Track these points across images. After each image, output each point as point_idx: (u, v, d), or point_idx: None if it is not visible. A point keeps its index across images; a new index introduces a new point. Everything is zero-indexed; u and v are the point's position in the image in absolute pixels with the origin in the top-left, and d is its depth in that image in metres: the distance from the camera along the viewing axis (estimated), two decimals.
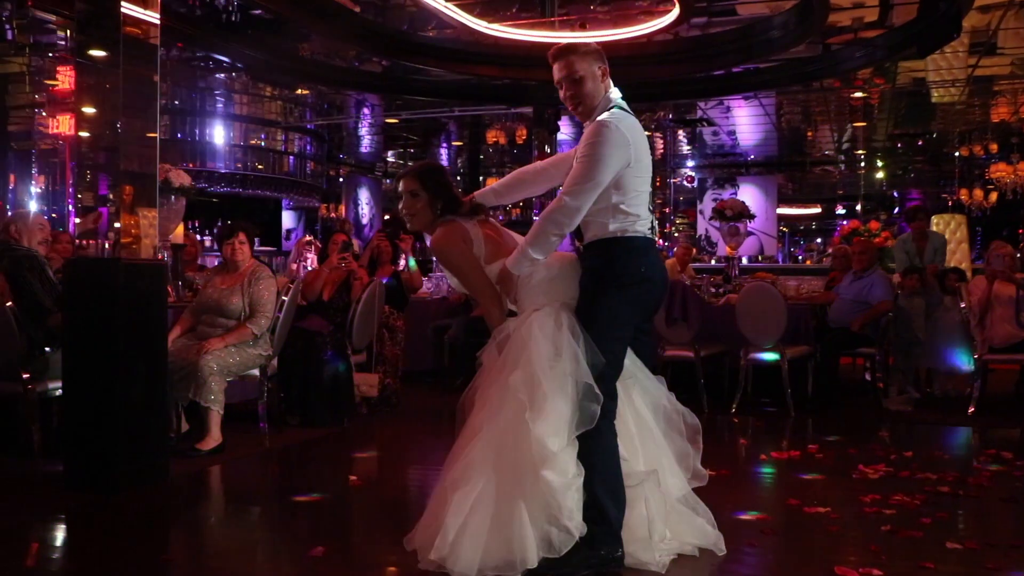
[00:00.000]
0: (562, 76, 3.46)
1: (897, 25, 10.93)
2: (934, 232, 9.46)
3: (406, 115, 18.10)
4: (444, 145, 22.74)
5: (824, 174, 23.22)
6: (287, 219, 21.69)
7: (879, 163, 22.02)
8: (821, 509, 4.25)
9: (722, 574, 3.43)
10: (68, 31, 12.16)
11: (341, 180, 22.65)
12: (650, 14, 10.61)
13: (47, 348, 5.16)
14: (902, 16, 10.84)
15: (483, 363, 3.48)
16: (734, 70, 12.59)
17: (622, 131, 3.29)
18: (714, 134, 19.57)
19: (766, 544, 3.81)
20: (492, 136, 17.31)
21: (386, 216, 24.12)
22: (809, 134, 19.89)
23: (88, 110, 4.87)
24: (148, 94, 4.82)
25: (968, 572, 3.48)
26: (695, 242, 20.06)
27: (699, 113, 17.69)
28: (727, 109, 17.13)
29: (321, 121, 20.30)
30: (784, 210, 23.24)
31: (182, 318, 5.85)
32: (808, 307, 7.71)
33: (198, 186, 7.53)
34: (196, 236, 8.75)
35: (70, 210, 14.80)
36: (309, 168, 20.73)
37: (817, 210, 25.74)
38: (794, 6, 9.36)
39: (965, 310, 7.07)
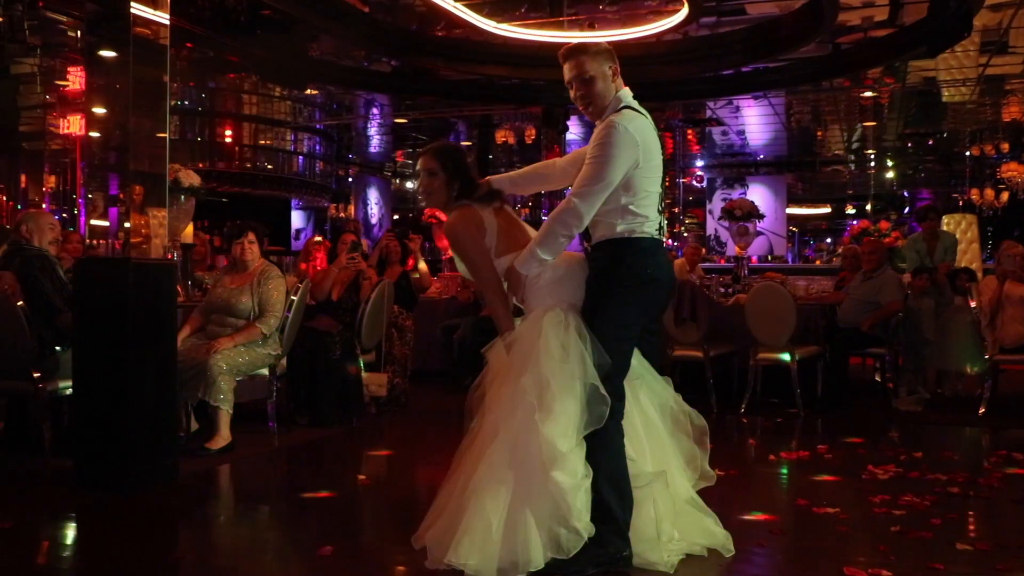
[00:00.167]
0: (573, 76, 3.45)
1: (907, 24, 10.91)
2: (945, 232, 9.42)
3: (415, 115, 18.12)
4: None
5: (834, 174, 23.16)
6: (296, 219, 21.75)
7: (889, 163, 21.97)
8: (830, 509, 4.24)
9: (731, 574, 3.42)
10: (78, 32, 12.21)
11: (350, 180, 22.69)
12: (659, 14, 10.60)
13: (58, 347, 5.18)
14: (912, 15, 10.81)
15: (490, 363, 3.47)
16: (743, 69, 12.57)
17: (631, 132, 3.28)
18: (723, 134, 19.54)
19: (775, 544, 3.80)
20: (501, 136, 17.32)
21: (395, 216, 24.16)
22: (819, 134, 19.85)
23: (98, 110, 4.89)
24: (158, 94, 4.83)
25: (978, 573, 3.46)
26: (704, 242, 20.05)
27: (708, 113, 17.68)
28: (736, 109, 17.11)
29: (330, 121, 20.34)
30: (794, 210, 23.20)
31: (191, 318, 5.87)
32: (817, 307, 7.69)
33: (207, 186, 7.53)
34: (206, 236, 8.76)
35: (80, 210, 14.86)
36: (318, 168, 20.78)
37: (827, 210, 25.68)
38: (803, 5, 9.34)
39: (976, 310, 7.05)
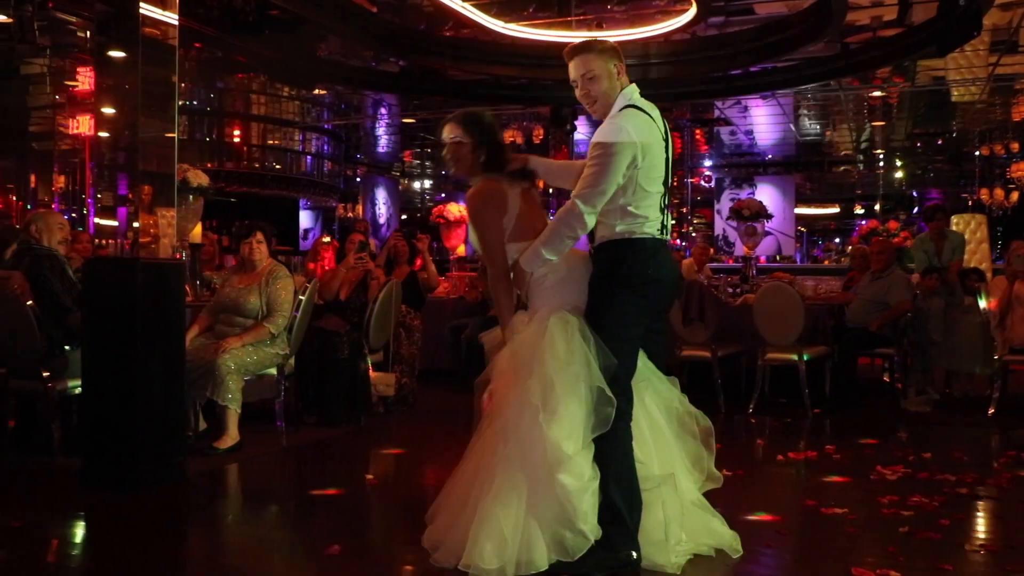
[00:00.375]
0: (578, 74, 3.45)
1: (916, 24, 10.87)
2: (952, 231, 9.39)
3: (423, 115, 18.13)
4: None
5: (843, 174, 23.11)
6: (305, 219, 21.78)
7: (898, 162, 21.91)
8: (838, 510, 4.23)
9: (739, 575, 3.42)
10: (88, 32, 12.25)
11: (358, 180, 22.72)
12: (667, 13, 10.59)
13: (67, 347, 5.20)
14: (921, 15, 10.78)
15: (496, 363, 3.46)
16: (751, 69, 12.54)
17: (630, 131, 3.27)
18: (732, 134, 19.51)
19: (783, 545, 3.79)
20: (509, 136, 17.33)
21: (403, 216, 24.18)
22: (827, 134, 19.81)
23: (107, 110, 4.90)
24: (166, 94, 4.85)
25: (987, 574, 3.45)
26: (712, 242, 20.02)
27: (717, 113, 17.65)
28: (744, 109, 17.08)
29: (338, 121, 20.36)
30: (802, 210, 23.17)
31: (200, 317, 5.88)
32: (826, 307, 7.68)
33: (216, 186, 7.54)
34: (214, 236, 8.78)
35: (89, 210, 14.91)
36: (327, 168, 20.80)
37: (835, 210, 25.63)
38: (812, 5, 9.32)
39: (986, 311, 7.02)
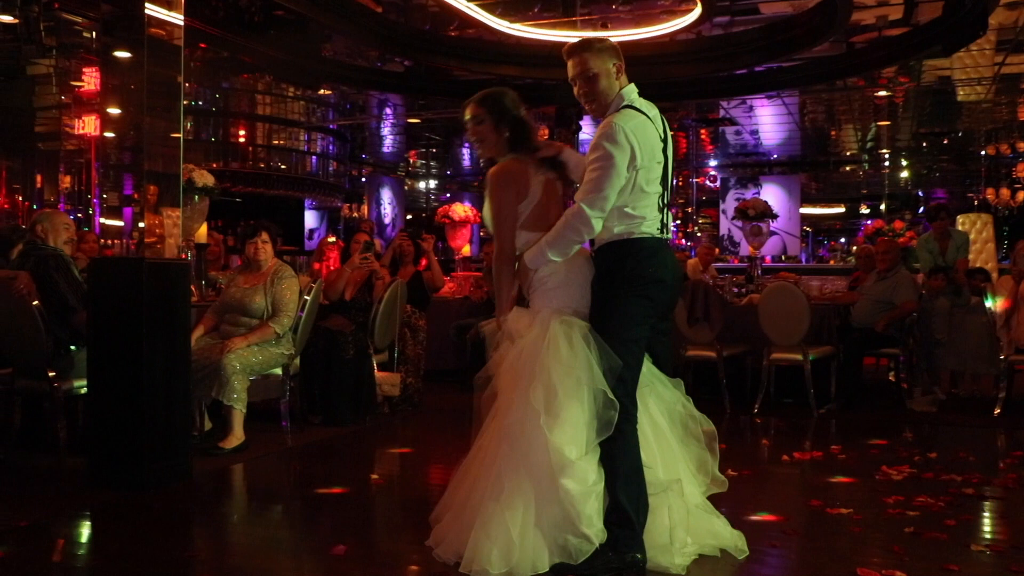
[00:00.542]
0: (576, 73, 3.44)
1: (922, 23, 10.86)
2: (957, 230, 9.37)
3: (428, 115, 18.15)
4: (466, 145, 22.79)
5: (848, 173, 23.08)
6: (310, 219, 21.81)
7: (904, 162, 21.87)
8: (844, 510, 4.23)
9: (744, 575, 3.42)
10: (93, 33, 12.29)
11: (363, 180, 22.74)
12: (672, 13, 10.59)
13: (72, 347, 5.20)
14: (927, 14, 10.76)
15: (499, 365, 3.46)
16: (757, 69, 12.54)
17: (627, 133, 3.26)
18: (737, 134, 19.50)
19: (788, 545, 3.79)
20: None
21: (408, 216, 24.20)
22: (833, 133, 19.78)
23: (113, 111, 4.91)
24: (172, 94, 4.85)
25: (993, 575, 3.44)
26: (718, 242, 20.00)
27: (722, 113, 17.64)
28: (750, 108, 17.07)
29: (344, 121, 20.38)
30: (807, 210, 23.12)
31: (205, 317, 5.89)
32: (831, 307, 7.66)
33: (221, 186, 7.56)
34: (219, 236, 8.79)
35: (95, 210, 14.95)
36: (332, 168, 20.82)
37: (841, 210, 25.58)
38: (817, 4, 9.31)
39: (991, 311, 7.00)
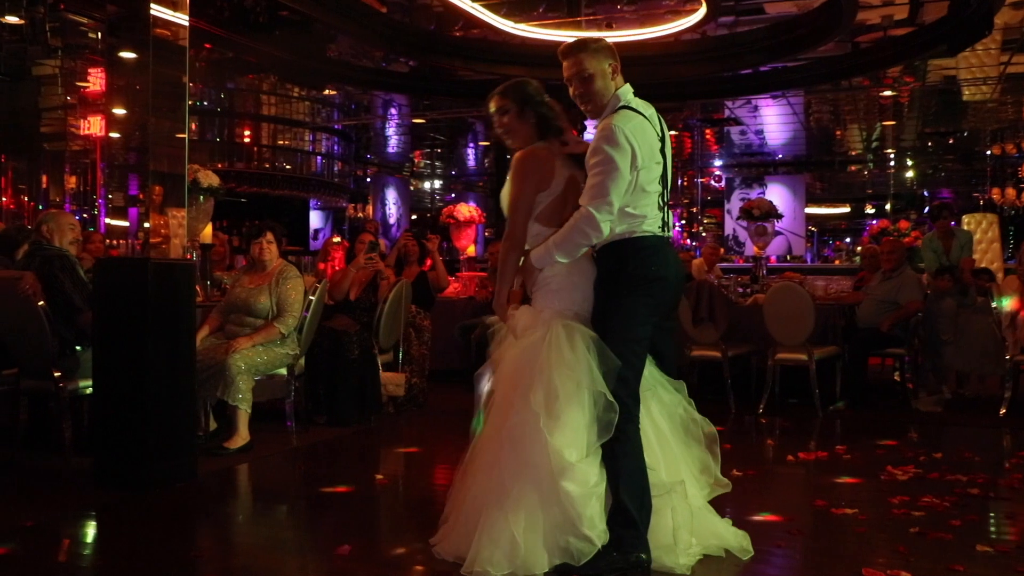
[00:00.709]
0: (572, 74, 3.43)
1: (927, 22, 10.84)
2: (960, 229, 9.35)
3: (433, 115, 18.16)
4: (471, 145, 22.82)
5: (853, 173, 23.07)
6: (315, 219, 21.83)
7: (909, 162, 21.85)
8: (849, 510, 4.22)
9: (749, 575, 3.41)
10: (99, 33, 12.32)
11: (368, 180, 22.76)
12: (677, 13, 10.59)
13: (78, 347, 5.21)
14: (933, 13, 10.75)
15: (500, 366, 3.46)
16: (762, 69, 12.53)
17: (626, 134, 3.25)
18: (742, 133, 19.49)
19: (793, 545, 3.78)
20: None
21: (413, 216, 24.21)
22: (838, 133, 19.76)
23: (118, 111, 4.92)
24: (177, 95, 4.86)
25: (998, 575, 3.44)
26: (723, 242, 19.99)
27: (727, 112, 17.63)
28: (755, 108, 17.06)
29: (348, 121, 20.40)
30: (812, 210, 23.11)
31: (210, 317, 5.90)
32: (836, 307, 7.65)
33: (226, 186, 7.56)
34: (224, 236, 8.80)
35: (101, 210, 14.99)
36: (337, 168, 20.84)
37: (846, 209, 25.56)
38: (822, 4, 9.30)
39: (997, 311, 6.99)
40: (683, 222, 24.29)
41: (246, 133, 18.78)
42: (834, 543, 3.84)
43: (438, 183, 27.00)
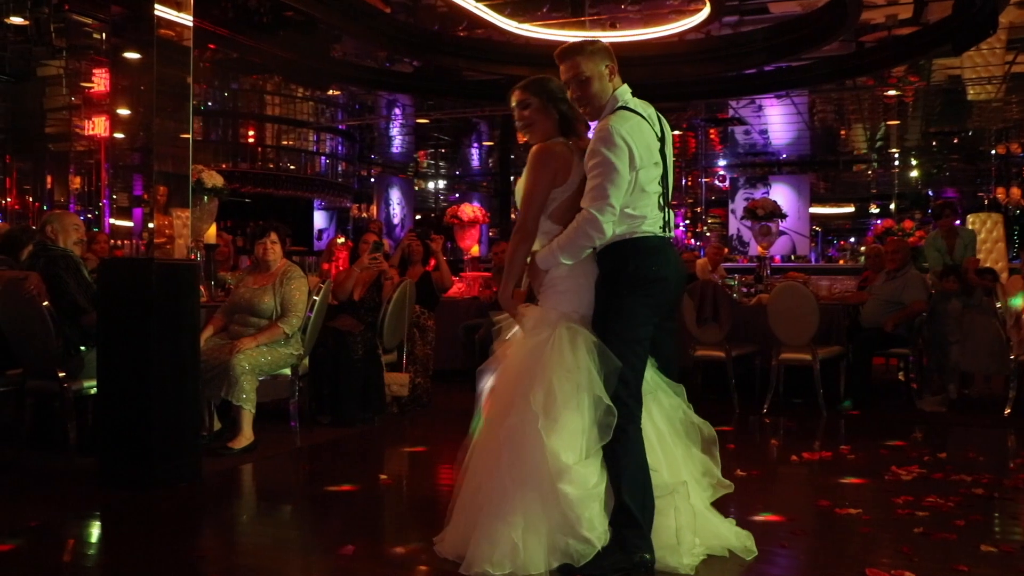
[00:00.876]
0: (569, 77, 3.42)
1: (932, 22, 10.83)
2: (964, 228, 9.33)
3: (437, 115, 18.17)
4: (475, 145, 22.84)
5: (858, 173, 23.04)
6: (319, 219, 21.84)
7: (913, 161, 21.83)
8: (853, 510, 4.21)
9: (753, 575, 3.41)
10: (103, 34, 12.34)
11: (372, 180, 22.78)
12: (681, 13, 10.59)
13: (82, 347, 5.22)
14: (937, 13, 10.73)
15: (503, 366, 3.46)
16: (766, 69, 12.52)
17: (622, 135, 3.25)
18: (746, 133, 19.48)
19: (797, 545, 3.78)
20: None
21: (417, 216, 24.23)
22: (842, 133, 19.74)
23: (122, 112, 4.93)
24: (181, 95, 4.87)
25: (1002, 575, 3.43)
26: (727, 242, 19.98)
27: (731, 112, 17.62)
28: (759, 108, 17.05)
29: (352, 122, 20.42)
30: (817, 209, 23.10)
31: (214, 317, 5.90)
32: (840, 307, 7.64)
33: (230, 186, 7.57)
34: (229, 236, 8.81)
35: (105, 210, 15.01)
36: (341, 168, 20.85)
37: (850, 209, 25.54)
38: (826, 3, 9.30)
39: (1001, 310, 6.98)
40: (687, 222, 24.28)
41: (250, 133, 18.80)
42: (838, 543, 3.84)
43: (442, 183, 27.01)
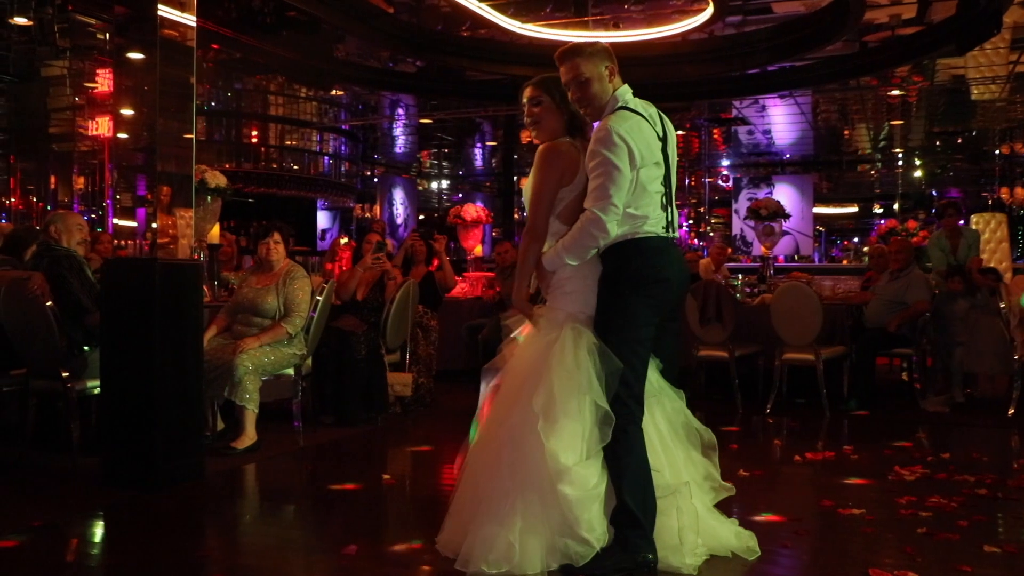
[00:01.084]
0: (569, 79, 3.41)
1: (936, 22, 10.81)
2: (968, 227, 9.31)
3: (440, 115, 18.17)
4: (479, 145, 22.84)
5: (861, 173, 23.02)
6: (322, 219, 21.85)
7: (917, 161, 21.80)
8: (856, 511, 4.21)
9: (756, 575, 3.41)
10: (107, 34, 12.35)
11: (376, 180, 22.79)
12: (684, 13, 10.58)
13: (86, 347, 5.23)
14: (941, 12, 10.72)
15: (508, 365, 3.46)
16: (769, 68, 12.51)
17: (621, 135, 3.25)
18: (749, 133, 19.46)
19: (800, 545, 3.78)
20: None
21: (420, 216, 24.24)
22: (846, 133, 19.72)
23: (126, 112, 4.95)
24: (185, 96, 4.88)
25: None
26: (730, 242, 19.96)
27: (734, 112, 17.61)
28: (762, 108, 17.04)
29: (356, 122, 20.43)
30: (820, 209, 23.04)
31: (218, 317, 5.91)
32: (844, 307, 7.64)
33: (234, 187, 7.58)
34: (232, 236, 8.82)
35: (109, 211, 15.03)
36: (344, 168, 20.86)
37: (854, 209, 25.50)
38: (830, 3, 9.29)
39: (1005, 311, 6.97)
40: (690, 222, 24.25)
41: (253, 133, 18.81)
42: (841, 543, 3.83)
43: (445, 183, 27.02)
